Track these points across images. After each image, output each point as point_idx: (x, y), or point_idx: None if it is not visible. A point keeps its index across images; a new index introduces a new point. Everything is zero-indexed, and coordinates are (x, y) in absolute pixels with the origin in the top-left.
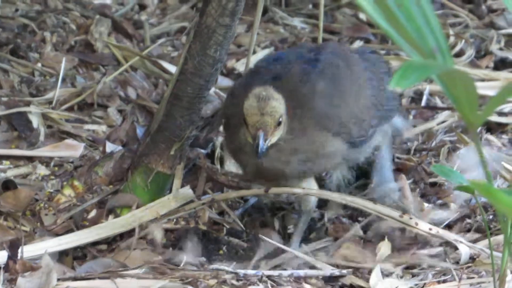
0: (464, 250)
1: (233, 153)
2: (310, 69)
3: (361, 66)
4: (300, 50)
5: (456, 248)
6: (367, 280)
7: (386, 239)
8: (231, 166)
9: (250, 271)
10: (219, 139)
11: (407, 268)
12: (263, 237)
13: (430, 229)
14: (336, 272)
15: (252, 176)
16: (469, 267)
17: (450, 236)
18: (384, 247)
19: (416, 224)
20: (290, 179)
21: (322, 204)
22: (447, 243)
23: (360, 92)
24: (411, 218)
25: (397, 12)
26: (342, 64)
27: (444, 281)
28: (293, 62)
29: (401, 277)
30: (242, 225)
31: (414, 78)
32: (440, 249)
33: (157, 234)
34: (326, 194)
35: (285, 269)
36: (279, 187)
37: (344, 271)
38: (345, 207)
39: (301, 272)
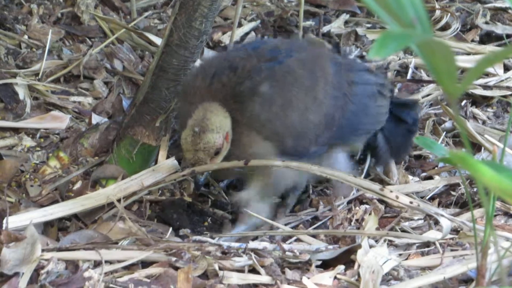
0: (446, 223)
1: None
2: (265, 67)
3: (330, 84)
4: (281, 45)
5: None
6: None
7: (372, 213)
8: None
9: (234, 244)
10: None
11: (391, 240)
12: (249, 211)
13: (411, 202)
14: (322, 247)
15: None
16: (452, 239)
17: (431, 209)
18: (371, 221)
19: (397, 197)
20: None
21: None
22: (431, 216)
23: (311, 107)
24: (391, 192)
25: None
26: (302, 73)
27: (428, 253)
28: (262, 54)
29: (386, 249)
30: (227, 197)
31: (393, 47)
32: (423, 221)
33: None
34: (306, 167)
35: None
36: (259, 160)
37: (330, 246)
38: (327, 180)
39: (286, 246)
